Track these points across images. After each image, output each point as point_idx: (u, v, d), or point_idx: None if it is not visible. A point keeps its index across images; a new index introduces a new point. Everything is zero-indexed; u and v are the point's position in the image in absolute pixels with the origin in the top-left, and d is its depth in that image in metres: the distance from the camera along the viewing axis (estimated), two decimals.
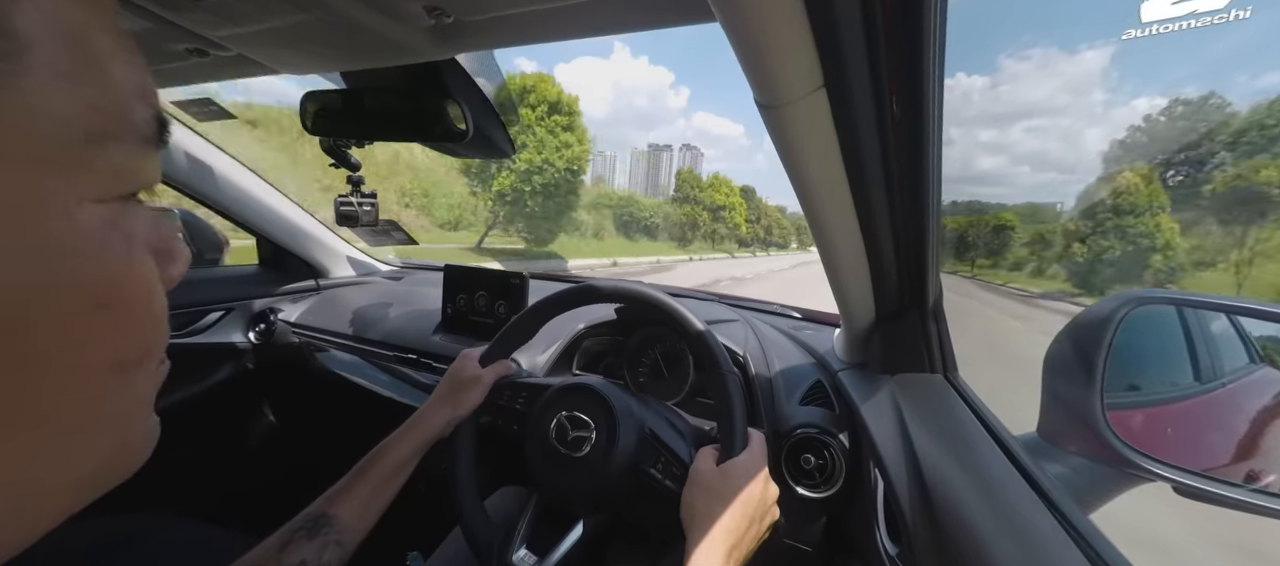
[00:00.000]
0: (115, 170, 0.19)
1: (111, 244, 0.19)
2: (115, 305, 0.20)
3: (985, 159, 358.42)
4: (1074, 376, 0.65)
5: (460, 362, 0.76)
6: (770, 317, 1.14)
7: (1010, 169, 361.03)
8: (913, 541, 0.54)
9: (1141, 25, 21.91)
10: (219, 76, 0.85)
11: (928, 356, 0.72)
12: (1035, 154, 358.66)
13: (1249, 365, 0.73)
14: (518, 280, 1.18)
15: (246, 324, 1.44)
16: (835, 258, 0.64)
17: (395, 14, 0.57)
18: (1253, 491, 0.57)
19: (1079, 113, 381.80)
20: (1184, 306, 0.77)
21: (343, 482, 0.61)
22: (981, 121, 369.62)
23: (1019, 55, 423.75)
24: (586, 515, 0.66)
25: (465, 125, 0.84)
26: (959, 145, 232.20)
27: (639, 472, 0.65)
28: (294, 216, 1.43)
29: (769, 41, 0.37)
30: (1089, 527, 0.47)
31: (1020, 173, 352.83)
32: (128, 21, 0.66)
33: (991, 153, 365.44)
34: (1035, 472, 0.54)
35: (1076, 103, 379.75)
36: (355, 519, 0.58)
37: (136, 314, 0.21)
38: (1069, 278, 40.14)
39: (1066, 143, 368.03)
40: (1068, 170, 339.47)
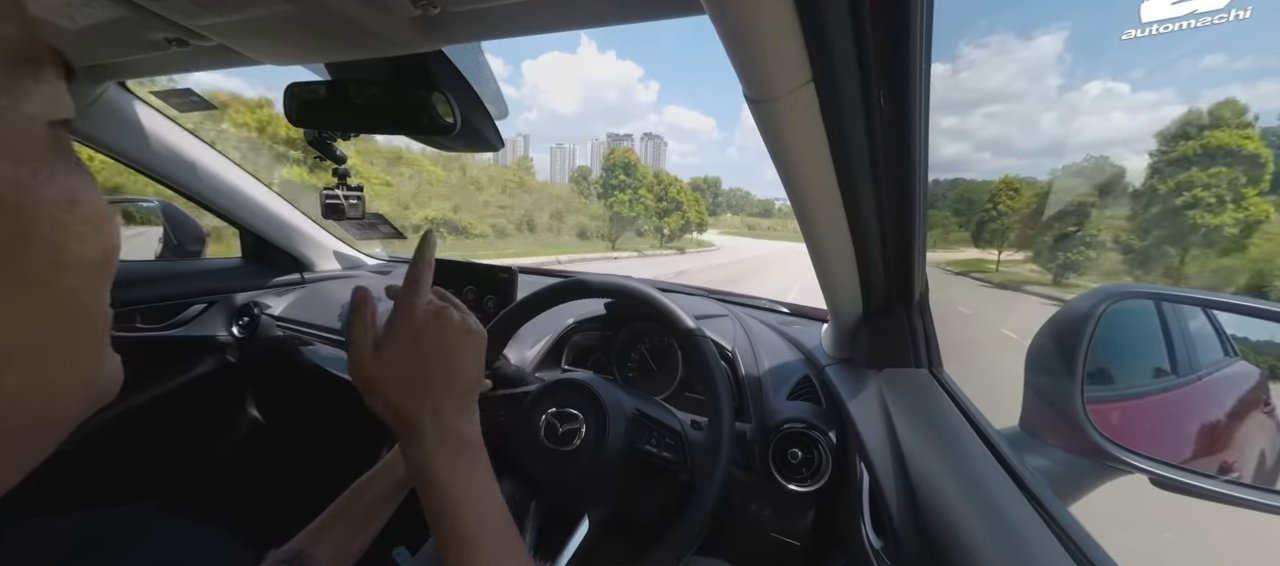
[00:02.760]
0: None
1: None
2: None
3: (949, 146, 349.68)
4: (1055, 371, 0.66)
5: None
6: (759, 313, 1.15)
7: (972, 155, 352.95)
8: (897, 534, 0.55)
9: (1142, 25, 22.20)
10: (199, 66, 0.83)
11: (913, 351, 0.72)
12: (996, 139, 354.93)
13: (1224, 359, 0.75)
14: (506, 274, 1.18)
15: (229, 317, 1.42)
16: (823, 252, 0.64)
17: (380, 4, 0.56)
18: (1226, 483, 0.59)
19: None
20: (1162, 301, 0.79)
21: (322, 519, 0.57)
22: (943, 108, 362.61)
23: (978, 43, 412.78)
24: (590, 510, 0.66)
25: (453, 118, 0.83)
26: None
27: (635, 452, 0.66)
28: (278, 209, 1.41)
29: (758, 35, 0.37)
30: (1068, 519, 0.48)
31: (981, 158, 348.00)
32: (105, 10, 0.65)
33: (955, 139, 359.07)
34: (1017, 466, 0.55)
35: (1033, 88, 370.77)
36: (334, 559, 0.55)
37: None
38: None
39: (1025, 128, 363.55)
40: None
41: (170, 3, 0.60)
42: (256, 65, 0.76)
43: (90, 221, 0.22)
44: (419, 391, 0.41)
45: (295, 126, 0.92)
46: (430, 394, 0.41)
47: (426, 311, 0.43)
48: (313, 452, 1.53)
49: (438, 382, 0.42)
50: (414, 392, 0.41)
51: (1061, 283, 37.35)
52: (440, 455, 0.41)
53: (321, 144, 0.97)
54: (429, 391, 0.41)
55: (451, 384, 0.43)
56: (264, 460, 1.55)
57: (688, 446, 0.72)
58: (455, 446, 0.42)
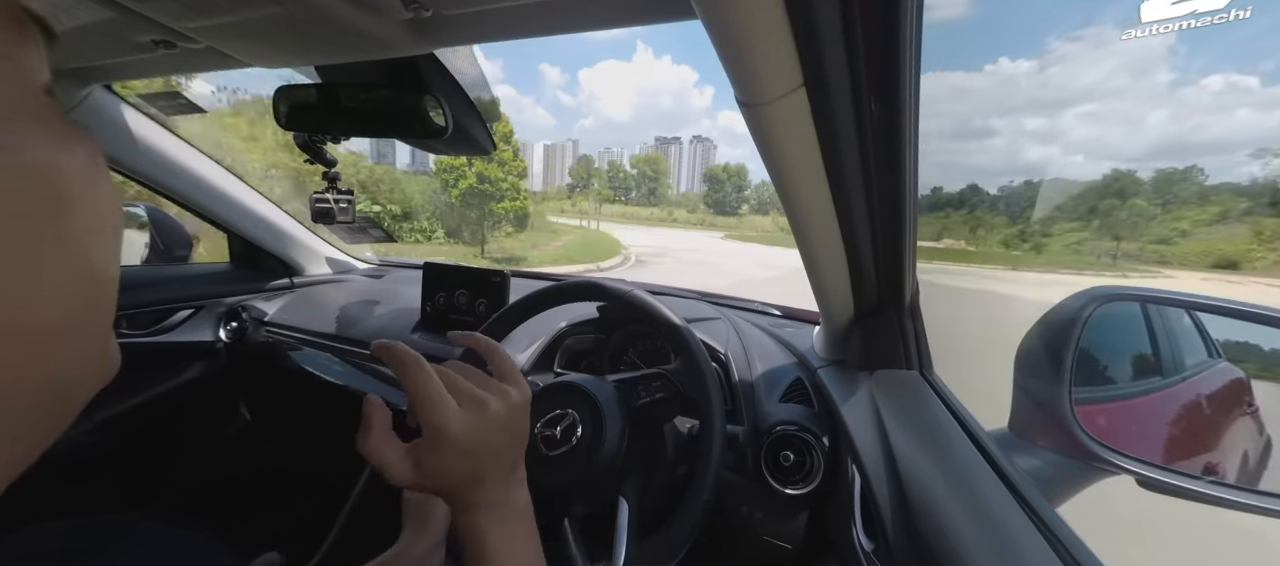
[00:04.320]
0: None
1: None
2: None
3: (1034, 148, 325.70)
4: (1043, 373, 0.67)
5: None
6: (751, 315, 1.15)
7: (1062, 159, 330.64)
8: (888, 536, 0.55)
9: (1141, 25, 22.57)
10: (187, 69, 0.83)
11: (904, 353, 0.73)
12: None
13: (1207, 360, 0.76)
14: (498, 278, 1.17)
15: (218, 322, 1.40)
16: (815, 255, 0.64)
17: (371, 7, 0.56)
18: (1211, 483, 0.60)
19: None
20: (1148, 302, 0.80)
21: None
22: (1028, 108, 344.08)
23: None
24: (623, 490, 0.66)
25: (444, 122, 0.83)
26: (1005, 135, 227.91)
27: (634, 412, 0.68)
28: (267, 212, 1.39)
29: (749, 40, 0.37)
30: (1056, 520, 0.49)
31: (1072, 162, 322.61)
32: (90, 11, 0.64)
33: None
34: (1007, 468, 0.55)
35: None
36: None
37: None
38: None
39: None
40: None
41: (157, 5, 0.59)
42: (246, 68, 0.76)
43: (107, 181, 0.22)
44: (469, 480, 0.42)
45: (285, 130, 0.92)
46: (481, 481, 0.42)
47: (462, 422, 0.40)
48: (302, 458, 1.51)
49: (487, 467, 0.42)
50: (463, 481, 0.41)
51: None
52: (489, 520, 0.42)
53: (311, 147, 0.96)
54: (480, 478, 0.42)
55: (500, 464, 0.43)
56: (253, 465, 1.53)
57: (675, 380, 0.75)
58: (504, 513, 0.43)
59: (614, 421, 0.65)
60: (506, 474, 0.44)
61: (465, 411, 0.40)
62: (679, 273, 16.53)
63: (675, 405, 0.75)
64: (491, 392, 0.43)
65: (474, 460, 0.41)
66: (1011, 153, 36.24)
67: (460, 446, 0.39)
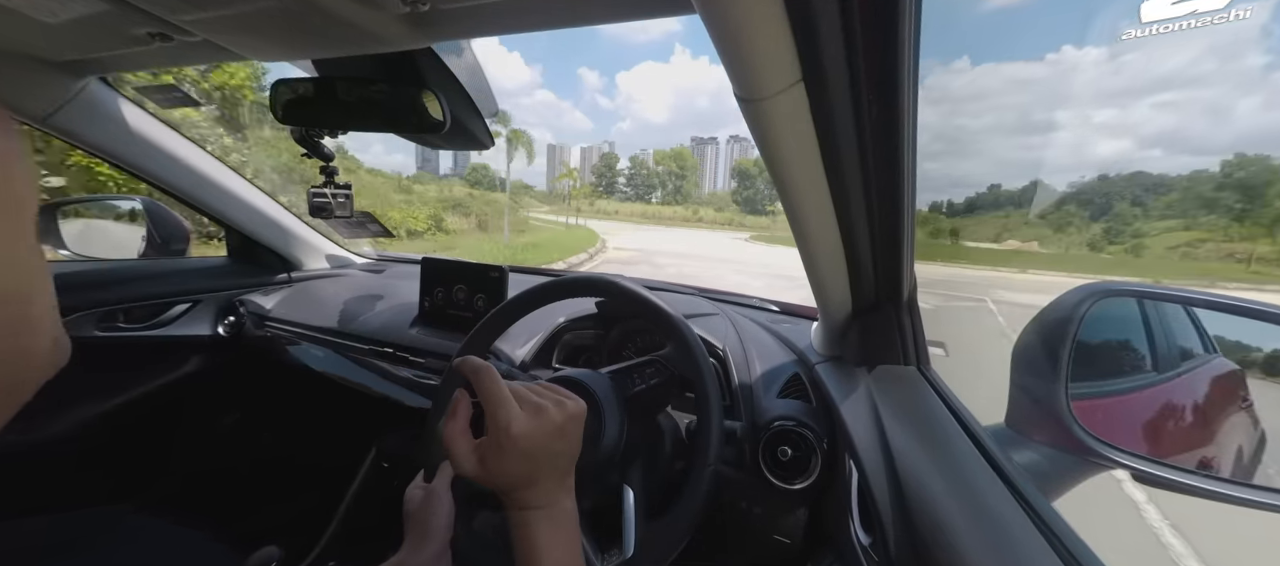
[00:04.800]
0: None
1: None
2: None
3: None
4: (1040, 368, 0.67)
5: (408, 495, 0.69)
6: (749, 311, 1.15)
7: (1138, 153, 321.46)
8: (885, 531, 0.55)
9: (1141, 24, 22.08)
10: (184, 62, 0.82)
11: (902, 349, 0.73)
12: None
13: (1203, 355, 0.76)
14: (497, 273, 1.17)
15: (215, 316, 1.40)
16: (813, 251, 0.64)
17: (369, 1, 0.56)
18: (1206, 478, 0.60)
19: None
20: (1145, 298, 0.80)
21: None
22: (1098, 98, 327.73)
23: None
24: (625, 478, 0.67)
25: (442, 116, 0.82)
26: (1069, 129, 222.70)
27: (630, 400, 0.69)
28: (264, 207, 1.39)
29: (748, 35, 0.37)
30: (1053, 515, 0.49)
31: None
32: (87, 3, 0.63)
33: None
34: (1003, 463, 0.55)
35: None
36: None
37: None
38: None
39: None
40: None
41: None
42: (243, 61, 0.75)
43: (23, 161, 0.24)
44: (525, 481, 0.46)
45: (281, 124, 0.91)
46: (536, 483, 0.46)
47: (522, 426, 0.44)
48: (300, 452, 1.51)
49: (543, 471, 0.46)
50: (521, 482, 0.46)
51: None
52: (538, 520, 0.46)
53: (308, 142, 0.96)
54: (535, 480, 0.46)
55: (555, 468, 0.48)
56: (250, 459, 1.53)
57: (669, 364, 0.76)
58: (554, 514, 0.47)
59: (612, 413, 0.65)
60: (560, 479, 0.48)
61: (527, 414, 0.45)
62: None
63: (671, 388, 0.76)
64: (550, 401, 0.48)
65: (532, 462, 0.45)
66: (1078, 146, 34.22)
67: (521, 446, 0.44)
